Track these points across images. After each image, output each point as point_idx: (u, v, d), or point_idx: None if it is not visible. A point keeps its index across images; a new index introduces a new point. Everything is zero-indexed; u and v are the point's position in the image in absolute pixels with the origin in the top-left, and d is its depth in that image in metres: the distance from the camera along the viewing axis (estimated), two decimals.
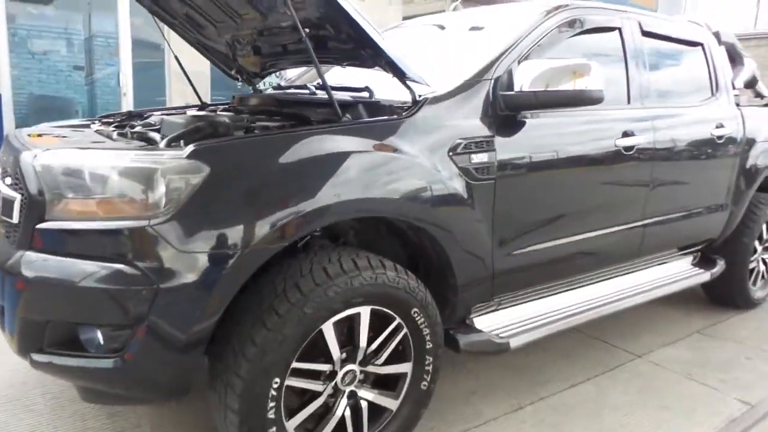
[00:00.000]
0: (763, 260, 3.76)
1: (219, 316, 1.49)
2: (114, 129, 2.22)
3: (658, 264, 3.23)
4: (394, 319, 1.84)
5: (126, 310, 1.43)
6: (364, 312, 1.75)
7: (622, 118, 2.55)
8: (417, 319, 1.86)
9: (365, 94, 2.09)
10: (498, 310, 2.32)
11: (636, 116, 2.62)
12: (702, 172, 3.03)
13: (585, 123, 2.40)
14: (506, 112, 2.10)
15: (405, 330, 1.87)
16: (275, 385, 1.58)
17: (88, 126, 2.41)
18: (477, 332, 2.18)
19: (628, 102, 2.64)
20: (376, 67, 2.05)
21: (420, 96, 1.96)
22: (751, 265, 3.64)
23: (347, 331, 1.79)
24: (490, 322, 2.29)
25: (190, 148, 1.49)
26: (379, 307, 1.78)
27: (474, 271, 2.04)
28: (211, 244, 1.46)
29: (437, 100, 1.97)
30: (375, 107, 1.99)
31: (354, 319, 1.76)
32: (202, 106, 2.96)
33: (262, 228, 1.49)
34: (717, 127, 3.04)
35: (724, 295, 3.69)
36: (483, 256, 2.06)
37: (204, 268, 1.45)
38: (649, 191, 2.71)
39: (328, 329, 1.68)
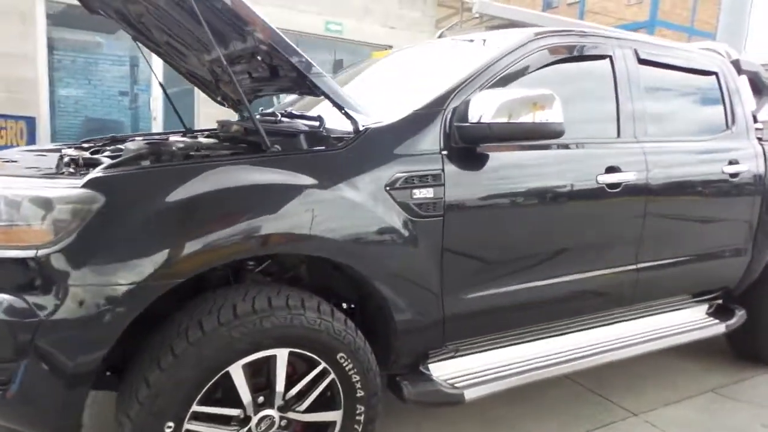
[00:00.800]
0: None
1: (105, 351, 1.42)
2: (78, 155, 2.24)
3: (667, 311, 2.94)
4: (319, 363, 1.72)
5: (8, 342, 1.38)
6: (281, 355, 1.64)
7: (607, 153, 2.35)
8: (344, 364, 1.73)
9: (316, 123, 2.02)
10: (456, 357, 2.14)
11: (625, 151, 2.41)
12: (711, 213, 2.75)
13: (560, 157, 2.23)
14: (462, 144, 1.96)
15: (332, 375, 1.75)
16: (168, 430, 1.48)
17: (59, 151, 2.46)
18: (427, 380, 2.01)
19: (618, 135, 2.44)
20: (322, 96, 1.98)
21: (363, 127, 1.86)
22: None
23: (268, 373, 1.68)
24: (447, 370, 2.12)
25: (88, 177, 1.45)
26: (299, 350, 1.67)
27: (417, 315, 1.89)
28: (100, 278, 1.40)
29: (380, 131, 1.87)
30: (317, 138, 1.91)
31: (271, 362, 1.65)
32: (186, 131, 2.98)
33: (153, 263, 1.42)
34: (730, 164, 2.76)
35: (749, 350, 3.32)
36: (428, 299, 1.91)
37: (90, 303, 1.39)
38: (643, 233, 2.47)
39: (237, 372, 1.58)
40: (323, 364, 1.72)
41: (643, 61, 2.59)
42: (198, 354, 1.48)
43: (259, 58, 2.05)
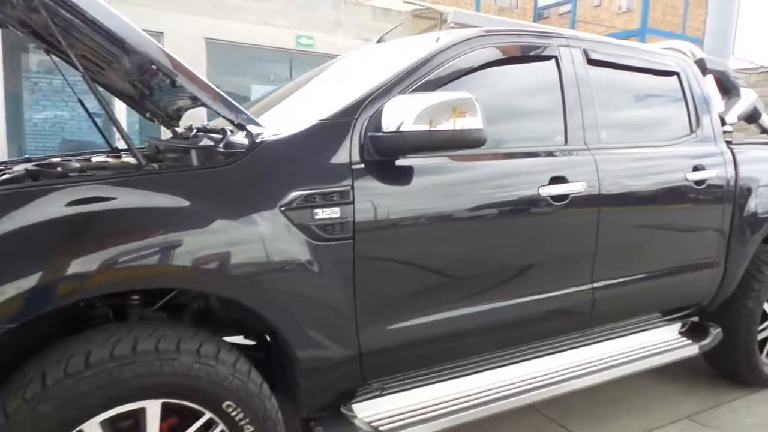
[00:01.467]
0: None
1: None
2: None
3: (637, 332, 2.70)
4: (203, 413, 1.48)
5: None
6: (152, 407, 1.41)
7: (552, 162, 2.13)
8: (233, 414, 1.49)
9: (219, 137, 1.80)
10: (384, 395, 1.90)
11: (573, 159, 2.19)
12: (675, 225, 2.53)
13: (497, 168, 2.01)
14: (377, 157, 1.75)
15: (221, 426, 1.51)
16: None
17: None
18: (345, 424, 1.78)
19: (565, 142, 2.23)
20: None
21: (258, 140, 1.65)
22: (762, 334, 3.02)
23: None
24: (373, 411, 1.88)
25: None
26: (175, 401, 1.43)
27: (324, 351, 1.66)
28: None
29: (276, 145, 1.65)
30: (211, 154, 1.69)
31: (142, 415, 1.42)
32: (111, 151, 2.77)
33: None
34: (695, 170, 2.54)
35: (728, 370, 3.07)
36: (338, 332, 1.68)
37: None
38: (597, 249, 2.24)
39: (93, 430, 1.34)
40: (208, 414, 1.49)
41: (593, 62, 2.38)
42: (34, 413, 1.25)
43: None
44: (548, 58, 2.26)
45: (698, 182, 2.55)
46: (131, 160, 2.33)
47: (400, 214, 1.77)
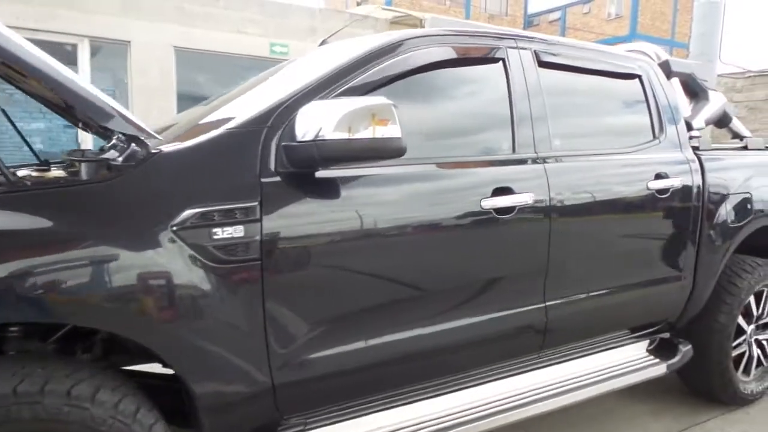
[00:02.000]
0: (758, 343, 2.97)
1: None
2: None
3: (602, 350, 2.53)
4: None
5: None
6: None
7: (496, 172, 1.97)
8: None
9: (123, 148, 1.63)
10: (309, 430, 1.73)
11: (521, 169, 2.03)
12: (636, 237, 2.37)
13: (433, 179, 1.85)
14: (293, 169, 1.59)
15: None
16: None
17: None
18: None
19: (513, 151, 2.07)
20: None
21: (153, 151, 1.48)
22: (737, 350, 2.86)
23: None
24: None
25: None
26: None
27: (229, 385, 1.49)
28: None
29: (171, 157, 1.48)
30: (104, 168, 1.52)
31: None
32: (41, 164, 2.60)
33: None
34: (657, 178, 2.39)
35: (702, 388, 2.91)
36: (245, 365, 1.50)
37: None
38: (549, 266, 2.08)
39: None
40: None
41: (545, 64, 2.23)
42: None
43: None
44: (494, 60, 2.11)
45: (661, 191, 2.39)
46: (60, 173, 2.16)
47: (319, 231, 1.61)
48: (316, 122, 1.51)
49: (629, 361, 2.54)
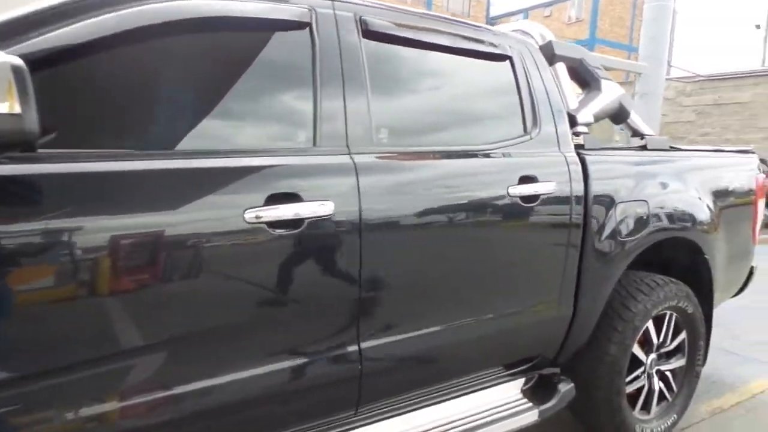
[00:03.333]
0: (661, 374, 2.55)
1: None
2: None
3: (468, 391, 2.06)
4: None
5: None
6: None
7: (273, 171, 1.47)
8: None
9: None
10: None
11: (318, 167, 1.53)
12: (489, 257, 1.88)
13: (175, 177, 1.33)
14: None
15: None
16: None
17: None
18: None
19: (314, 144, 1.57)
20: None
21: None
22: (635, 385, 2.43)
23: None
24: None
25: None
26: None
27: None
28: None
29: None
30: None
31: None
32: None
33: None
34: (523, 183, 1.92)
35: (593, 428, 2.48)
36: None
37: None
38: (362, 296, 1.59)
39: None
40: None
41: (374, 35, 1.73)
42: None
43: None
44: (296, 25, 1.60)
45: (527, 198, 1.92)
46: None
47: None
48: None
49: (498, 405, 2.07)
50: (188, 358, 1.36)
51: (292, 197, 1.44)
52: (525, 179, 1.93)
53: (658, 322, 2.47)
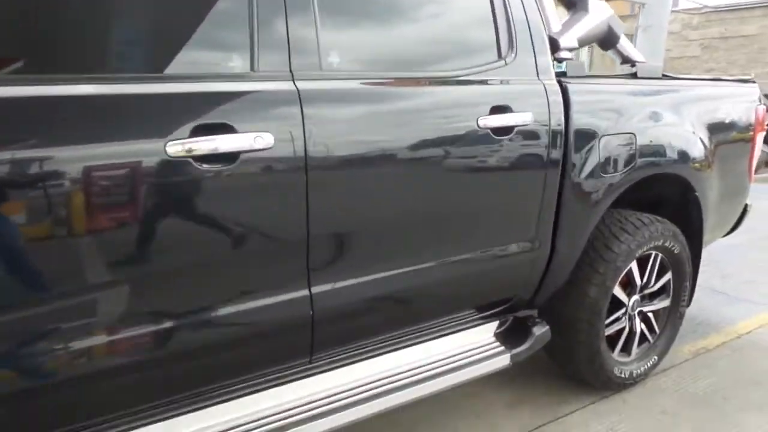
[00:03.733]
0: (643, 316, 2.46)
1: None
2: None
3: (440, 335, 1.97)
4: None
5: None
6: None
7: (204, 101, 1.29)
8: None
9: None
10: None
11: (257, 96, 1.36)
12: (455, 194, 1.72)
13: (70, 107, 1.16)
14: None
15: None
16: None
17: None
18: None
19: (252, 68, 1.38)
20: None
21: None
22: (615, 326, 2.35)
23: None
24: None
25: None
26: None
27: None
28: None
29: None
30: None
31: None
32: None
33: None
34: (494, 112, 1.75)
35: (571, 372, 2.41)
36: None
37: None
38: (311, 236, 1.45)
39: None
40: None
41: None
42: None
43: None
44: None
45: (499, 130, 1.76)
46: None
47: None
48: None
49: (468, 350, 1.99)
50: (117, 306, 1.24)
51: (223, 128, 1.28)
52: (497, 109, 1.75)
53: (643, 262, 2.35)
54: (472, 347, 2.00)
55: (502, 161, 1.79)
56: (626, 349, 2.42)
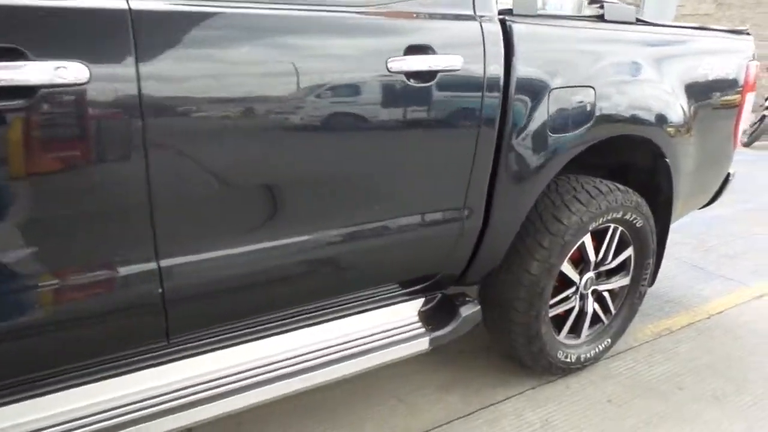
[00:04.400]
0: (598, 295, 2.21)
1: None
2: None
3: (359, 311, 1.72)
4: None
5: None
6: None
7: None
8: None
9: None
10: None
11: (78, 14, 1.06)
12: (355, 154, 1.43)
13: None
14: None
15: None
16: None
17: None
18: None
19: None
20: None
21: None
22: (563, 306, 2.10)
23: None
24: None
25: None
26: None
27: None
28: None
29: None
30: None
31: None
32: None
33: None
34: (410, 53, 1.43)
35: (510, 353, 2.18)
36: None
37: None
38: (154, 201, 1.17)
39: None
40: None
41: None
42: None
43: None
44: None
45: (416, 75, 1.44)
46: None
47: None
48: None
49: (381, 331, 1.74)
50: None
51: (14, 54, 0.98)
52: (414, 49, 1.44)
53: (600, 236, 2.08)
54: (389, 327, 1.75)
55: (419, 114, 1.48)
56: (575, 331, 2.18)
